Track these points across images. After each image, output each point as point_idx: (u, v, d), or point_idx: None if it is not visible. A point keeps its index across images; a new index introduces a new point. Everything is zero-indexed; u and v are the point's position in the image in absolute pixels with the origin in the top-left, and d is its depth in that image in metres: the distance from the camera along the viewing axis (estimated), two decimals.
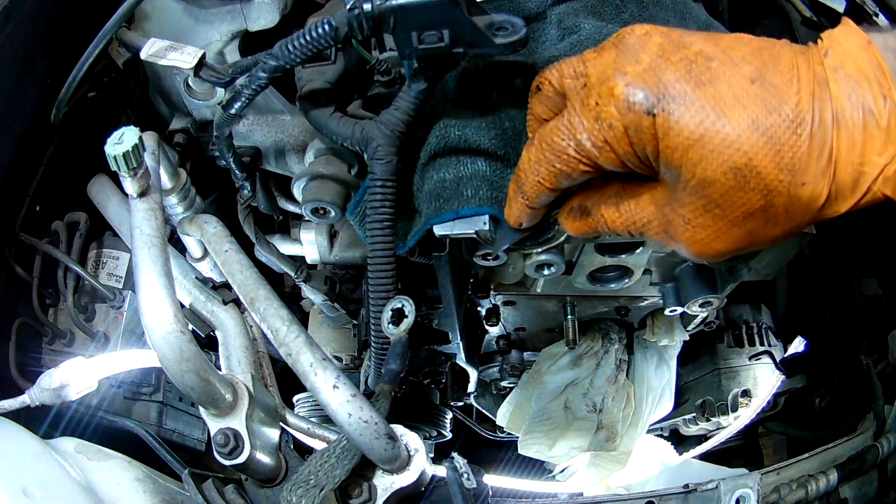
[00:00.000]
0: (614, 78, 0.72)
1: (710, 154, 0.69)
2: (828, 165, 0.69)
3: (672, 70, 0.71)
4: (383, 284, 0.99)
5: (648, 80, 0.71)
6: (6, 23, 1.19)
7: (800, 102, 0.69)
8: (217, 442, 0.90)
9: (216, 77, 1.12)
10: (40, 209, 1.45)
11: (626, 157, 0.74)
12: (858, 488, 1.14)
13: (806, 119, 0.68)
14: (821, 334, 1.76)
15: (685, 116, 0.70)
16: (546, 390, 1.65)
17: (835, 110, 0.68)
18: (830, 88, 0.69)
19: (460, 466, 0.90)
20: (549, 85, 0.80)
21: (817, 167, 0.69)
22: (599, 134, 0.73)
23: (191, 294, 1.43)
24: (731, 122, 0.69)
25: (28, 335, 1.43)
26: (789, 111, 0.68)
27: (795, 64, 0.71)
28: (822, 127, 0.68)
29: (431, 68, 0.92)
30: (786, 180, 0.69)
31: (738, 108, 0.69)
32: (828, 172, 0.69)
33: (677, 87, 0.70)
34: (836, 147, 0.68)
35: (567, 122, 0.76)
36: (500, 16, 0.85)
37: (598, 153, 0.75)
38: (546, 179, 0.79)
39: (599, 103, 0.73)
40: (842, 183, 0.69)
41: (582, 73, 0.77)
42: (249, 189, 1.35)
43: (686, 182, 0.72)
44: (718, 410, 1.72)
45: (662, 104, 0.70)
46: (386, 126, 0.97)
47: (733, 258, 0.90)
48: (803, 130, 0.68)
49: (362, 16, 0.85)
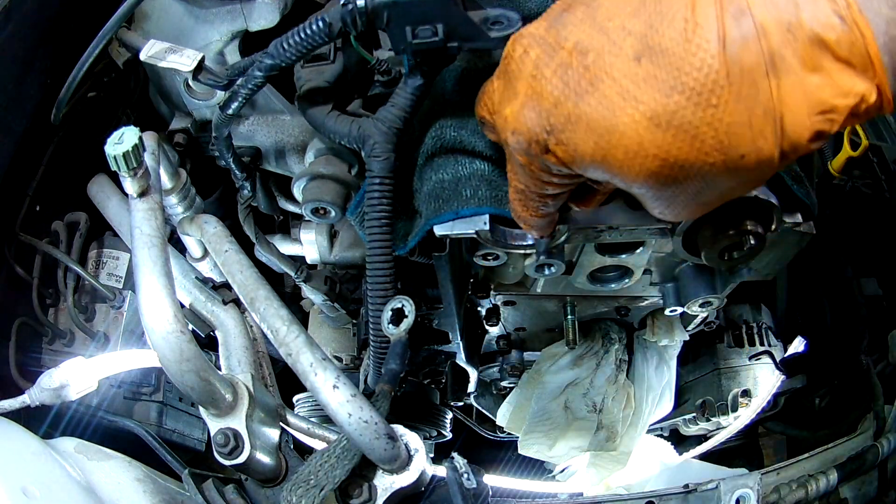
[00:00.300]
0: (500, 125, 0.68)
1: (623, 166, 0.60)
2: (768, 125, 0.54)
3: (549, 91, 0.62)
4: (382, 282, 0.99)
5: (528, 117, 0.64)
6: (6, 23, 1.19)
7: (705, 60, 0.53)
8: (217, 442, 0.90)
9: (214, 80, 1.13)
10: (40, 209, 1.45)
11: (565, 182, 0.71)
12: (858, 488, 1.14)
13: (719, 80, 0.53)
14: (821, 334, 1.76)
15: (577, 142, 0.61)
16: (546, 390, 1.64)
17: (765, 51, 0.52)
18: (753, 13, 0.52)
19: (460, 466, 0.90)
20: (481, 121, 0.77)
21: (754, 132, 0.55)
22: (530, 177, 0.71)
23: (191, 294, 1.43)
24: (628, 129, 0.57)
25: (28, 335, 1.43)
26: (692, 80, 0.54)
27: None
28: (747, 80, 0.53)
29: (427, 64, 0.92)
30: (718, 161, 0.57)
31: (628, 108, 0.57)
32: (771, 134, 0.55)
33: (557, 111, 0.61)
34: (776, 99, 0.53)
35: (510, 167, 0.76)
36: (495, 10, 0.86)
37: (547, 188, 0.73)
38: (532, 211, 0.80)
39: (510, 151, 0.70)
40: (796, 137, 0.55)
41: (490, 112, 0.73)
42: (249, 189, 1.35)
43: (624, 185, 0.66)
44: (718, 410, 1.72)
45: (552, 137, 0.63)
46: (383, 123, 0.97)
47: (733, 259, 0.90)
48: (719, 97, 0.54)
49: (356, 11, 0.85)
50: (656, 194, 0.65)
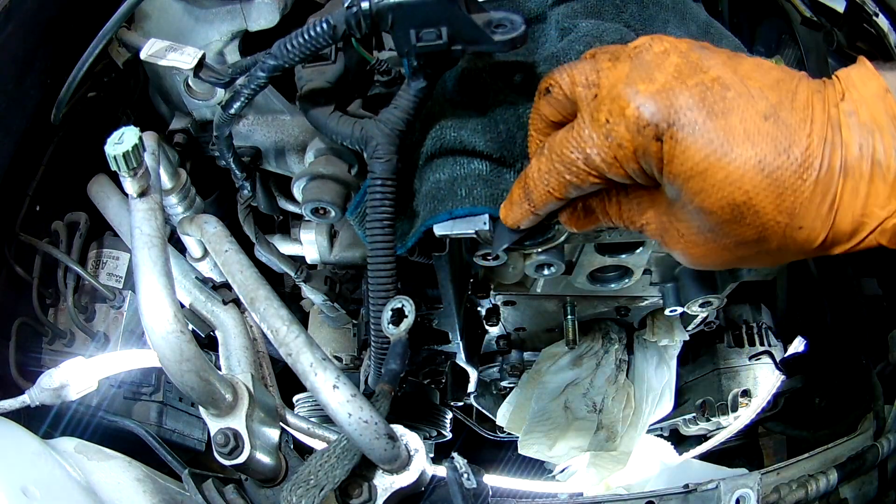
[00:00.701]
0: (626, 96, 0.71)
1: (712, 187, 0.69)
2: (829, 213, 0.68)
3: (686, 95, 0.69)
4: (383, 284, 0.98)
5: (660, 102, 0.70)
6: (6, 23, 1.19)
7: (810, 146, 0.67)
8: (217, 442, 0.90)
9: (216, 78, 1.12)
10: (40, 209, 1.45)
11: (633, 173, 0.74)
12: (858, 488, 1.14)
13: (814, 164, 0.67)
14: (821, 334, 1.76)
15: (692, 146, 0.68)
16: (546, 390, 1.65)
17: (844, 158, 0.67)
18: (843, 135, 0.68)
19: (460, 466, 0.90)
20: (560, 90, 0.79)
21: (818, 213, 0.68)
22: (609, 151, 0.73)
23: (191, 294, 1.43)
24: (738, 159, 0.67)
25: (28, 335, 1.43)
26: (798, 154, 0.67)
27: (811, 104, 0.69)
28: (829, 174, 0.67)
29: (430, 66, 0.92)
30: (783, 222, 0.69)
31: (747, 145, 0.67)
32: (828, 219, 0.68)
33: (689, 114, 0.69)
34: (839, 195, 0.68)
35: (577, 135, 0.75)
36: (498, 13, 0.85)
37: (608, 168, 0.75)
38: (556, 189, 0.79)
39: (610, 121, 0.72)
40: (839, 230, 0.69)
41: (594, 83, 0.76)
42: (249, 189, 1.35)
43: (685, 204, 0.73)
44: (718, 410, 1.72)
45: (672, 130, 0.69)
46: (385, 125, 0.97)
47: None
48: (809, 176, 0.67)
49: (360, 14, 0.85)
50: (705, 226, 0.73)
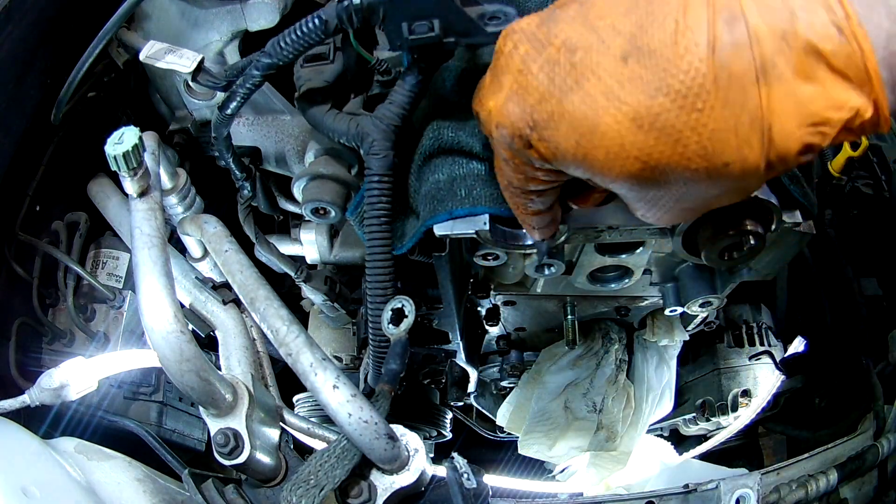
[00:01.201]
0: (486, 119, 0.68)
1: (603, 167, 0.60)
2: (755, 134, 0.53)
3: (534, 86, 0.61)
4: (382, 282, 0.98)
5: (511, 111, 0.63)
6: (6, 23, 1.19)
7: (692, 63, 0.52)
8: (217, 442, 0.90)
9: (214, 81, 1.12)
10: (40, 209, 1.45)
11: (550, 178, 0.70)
12: (858, 488, 1.14)
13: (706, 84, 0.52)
14: (821, 334, 1.76)
15: (560, 138, 0.60)
16: (546, 390, 1.65)
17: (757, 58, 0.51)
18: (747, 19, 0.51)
19: (460, 466, 0.90)
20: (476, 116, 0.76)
21: (739, 140, 0.53)
22: (514, 173, 0.71)
23: (191, 294, 1.43)
24: (610, 129, 0.56)
25: (28, 335, 1.43)
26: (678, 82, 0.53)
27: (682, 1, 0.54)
28: (736, 86, 0.51)
29: (424, 60, 0.92)
30: (701, 167, 0.56)
31: (611, 108, 0.56)
32: (757, 143, 0.53)
33: (541, 107, 0.60)
34: (765, 108, 0.52)
35: (496, 165, 0.75)
36: (492, 6, 0.85)
37: (528, 184, 0.72)
38: (521, 209, 0.80)
39: (494, 145, 0.70)
40: (784, 148, 0.54)
41: (479, 107, 0.72)
42: (249, 189, 1.35)
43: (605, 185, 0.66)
44: (718, 410, 1.72)
45: (534, 133, 0.62)
46: (381, 121, 0.96)
47: (733, 259, 0.90)
48: (704, 102, 0.52)
49: (351, 7, 0.85)
50: (637, 196, 0.65)
